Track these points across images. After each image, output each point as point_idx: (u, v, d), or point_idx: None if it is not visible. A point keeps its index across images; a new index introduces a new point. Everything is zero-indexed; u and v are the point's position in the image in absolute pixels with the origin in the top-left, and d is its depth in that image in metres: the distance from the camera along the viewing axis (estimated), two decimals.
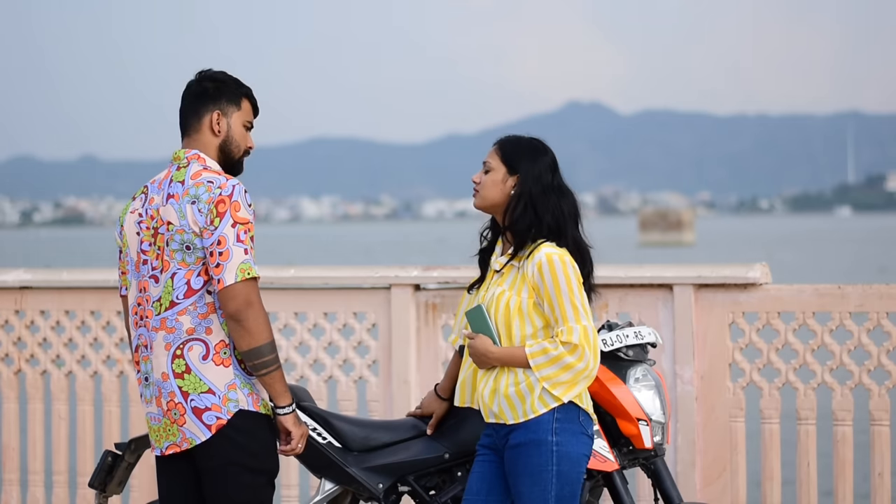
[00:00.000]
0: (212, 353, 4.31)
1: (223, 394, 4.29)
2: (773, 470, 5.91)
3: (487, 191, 4.55)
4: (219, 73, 4.51)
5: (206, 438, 4.28)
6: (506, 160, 4.55)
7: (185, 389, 4.29)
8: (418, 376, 6.41)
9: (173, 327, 4.32)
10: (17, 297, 7.03)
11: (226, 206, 4.27)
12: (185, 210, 4.31)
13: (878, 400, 5.79)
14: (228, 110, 4.46)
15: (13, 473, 7.05)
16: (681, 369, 5.98)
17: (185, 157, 4.42)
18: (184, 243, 4.31)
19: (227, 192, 4.28)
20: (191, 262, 4.31)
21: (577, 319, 4.39)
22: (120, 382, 6.89)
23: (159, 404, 4.34)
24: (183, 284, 4.31)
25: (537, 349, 4.39)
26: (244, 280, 4.24)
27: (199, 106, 4.45)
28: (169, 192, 4.38)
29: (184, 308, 4.31)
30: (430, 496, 4.80)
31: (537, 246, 4.46)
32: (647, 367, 4.80)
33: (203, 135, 4.45)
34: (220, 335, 4.32)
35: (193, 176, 4.35)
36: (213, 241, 4.26)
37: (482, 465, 4.55)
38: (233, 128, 4.47)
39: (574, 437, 4.41)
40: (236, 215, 4.27)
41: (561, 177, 4.58)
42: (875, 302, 5.75)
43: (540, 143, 4.61)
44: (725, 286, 5.95)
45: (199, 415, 4.28)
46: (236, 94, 4.48)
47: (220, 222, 4.26)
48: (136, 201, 4.49)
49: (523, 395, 4.40)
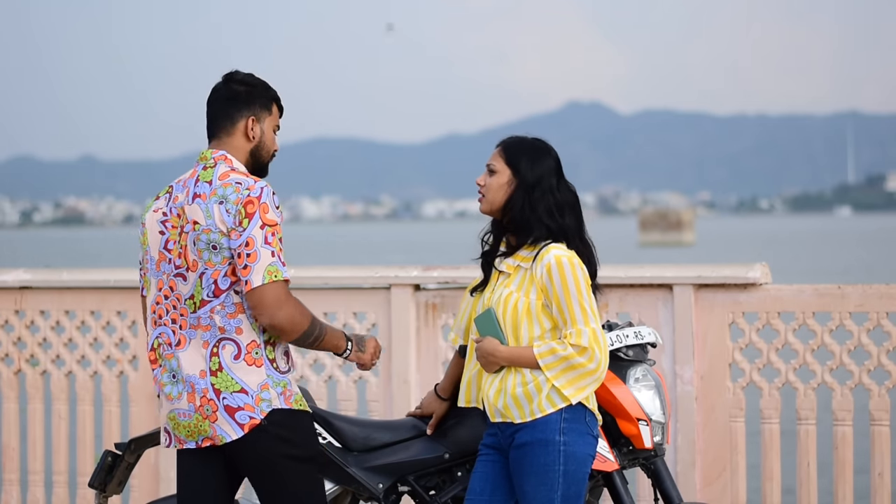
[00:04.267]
0: (243, 353, 4.33)
1: (256, 394, 4.31)
2: (773, 470, 5.91)
3: (493, 194, 4.54)
4: (248, 77, 4.51)
5: (238, 437, 4.31)
6: (510, 162, 4.54)
7: (218, 387, 4.31)
8: (418, 376, 6.42)
9: (208, 325, 4.34)
10: (17, 297, 7.03)
11: (254, 208, 4.27)
12: (212, 210, 4.31)
13: (878, 400, 5.79)
14: (261, 115, 4.48)
15: (13, 473, 7.05)
16: (681, 369, 5.98)
17: (213, 157, 4.42)
18: (210, 243, 4.31)
19: (255, 193, 4.28)
20: (217, 261, 4.31)
21: (586, 322, 4.39)
22: (120, 382, 6.89)
23: (191, 400, 4.35)
24: (210, 284, 4.32)
25: (545, 350, 4.39)
26: (272, 282, 4.25)
27: (231, 110, 4.45)
28: (195, 192, 4.37)
29: (213, 307, 4.33)
30: (430, 496, 4.80)
31: (546, 248, 4.45)
32: (647, 367, 4.80)
33: (235, 139, 4.45)
34: (252, 335, 4.34)
35: (221, 176, 4.35)
36: (241, 243, 4.26)
37: (485, 464, 4.54)
38: (265, 133, 4.49)
39: (581, 438, 4.41)
40: (265, 217, 4.27)
41: (564, 177, 4.58)
42: (875, 302, 5.75)
43: (543, 143, 4.60)
44: (725, 286, 5.95)
45: (232, 413, 4.30)
46: (267, 99, 4.50)
47: (249, 224, 4.26)
48: (159, 200, 4.48)
49: (531, 395, 4.40)
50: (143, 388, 6.78)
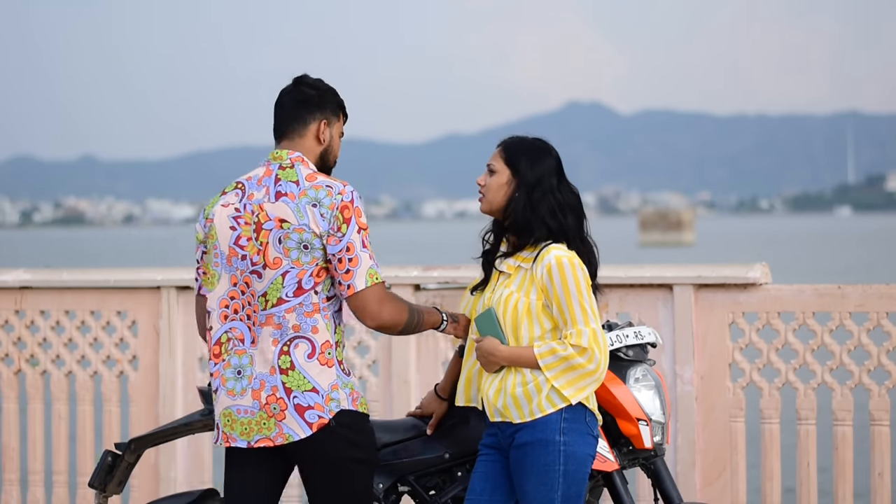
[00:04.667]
0: (317, 353, 4.37)
1: (326, 393, 4.35)
2: (773, 470, 5.91)
3: (493, 194, 4.54)
4: (318, 81, 4.58)
5: (306, 436, 4.34)
6: (509, 162, 4.54)
7: (289, 386, 4.34)
8: (418, 376, 6.42)
9: (280, 323, 4.37)
10: (17, 297, 7.03)
11: (350, 213, 4.35)
12: (304, 210, 4.35)
13: (878, 400, 5.79)
14: (331, 120, 4.55)
15: (13, 473, 7.05)
16: (681, 369, 5.98)
17: (289, 158, 4.46)
18: (302, 242, 4.35)
19: (347, 198, 4.36)
20: (306, 261, 4.36)
21: (586, 322, 4.39)
22: (120, 382, 6.89)
23: (256, 397, 4.37)
24: (294, 283, 4.36)
25: (546, 350, 4.38)
26: (373, 285, 4.35)
27: (304, 112, 4.51)
28: (279, 191, 4.41)
29: (291, 306, 4.36)
30: (430, 496, 4.79)
31: (546, 248, 4.45)
32: (647, 367, 4.80)
33: (307, 140, 4.51)
34: (326, 335, 4.39)
35: (308, 178, 4.41)
36: (341, 248, 4.33)
37: (485, 464, 4.54)
38: (333, 137, 4.56)
39: (581, 438, 4.41)
40: (360, 221, 4.36)
41: (565, 177, 4.58)
42: (875, 302, 5.75)
43: (543, 143, 4.60)
44: (725, 286, 5.95)
45: (301, 412, 4.33)
46: (336, 105, 4.58)
47: (347, 229, 4.34)
48: (228, 195, 4.50)
49: (530, 395, 4.40)
50: (143, 388, 6.78)
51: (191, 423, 4.98)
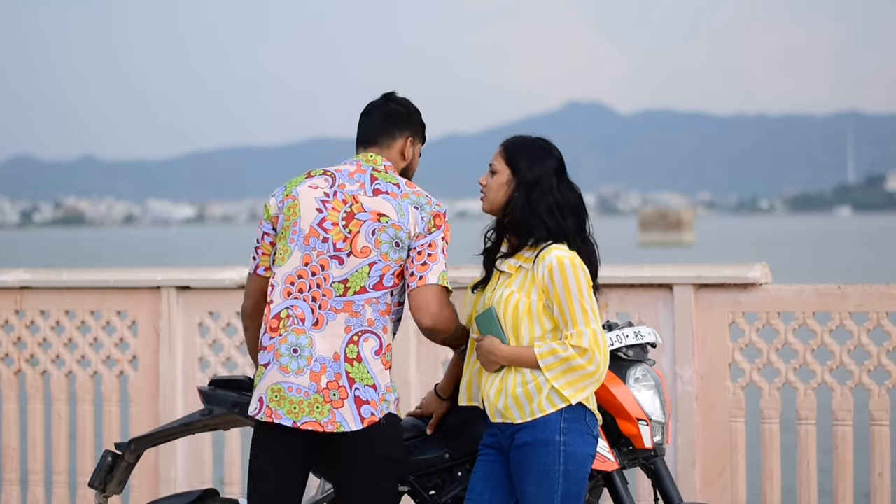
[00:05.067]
0: (382, 352, 4.47)
1: (382, 393, 4.45)
2: (773, 470, 5.91)
3: (493, 194, 4.56)
4: (405, 100, 4.71)
5: (356, 429, 4.39)
6: (510, 162, 4.55)
7: (353, 376, 4.41)
8: (418, 376, 6.42)
9: (358, 312, 4.45)
10: (17, 297, 7.03)
11: (441, 221, 4.54)
12: (406, 210, 4.50)
13: (878, 400, 5.79)
14: (416, 139, 4.68)
15: (13, 473, 7.05)
16: (681, 369, 5.98)
17: (383, 164, 4.59)
18: (395, 239, 4.47)
19: (442, 210, 4.58)
20: (393, 258, 4.47)
21: (586, 323, 4.39)
22: (120, 382, 6.89)
23: (315, 380, 4.40)
24: (377, 276, 4.46)
25: (546, 350, 4.39)
26: (442, 286, 4.47)
27: (392, 126, 4.63)
28: (377, 188, 4.52)
29: (370, 298, 4.45)
30: (430, 496, 4.79)
31: (547, 248, 4.45)
32: (647, 367, 4.80)
33: (392, 154, 4.64)
34: (390, 338, 4.52)
35: (408, 185, 4.56)
36: (424, 244, 4.49)
37: (485, 464, 4.54)
38: (415, 156, 4.69)
39: (581, 438, 4.41)
40: (447, 233, 4.55)
41: (567, 177, 4.58)
42: (875, 302, 5.75)
43: (545, 143, 4.60)
44: (725, 286, 5.95)
45: (359, 405, 4.40)
46: (421, 126, 4.71)
47: (436, 231, 4.52)
48: (315, 178, 4.57)
49: (531, 395, 4.40)
50: (143, 388, 6.78)
51: (191, 423, 4.98)
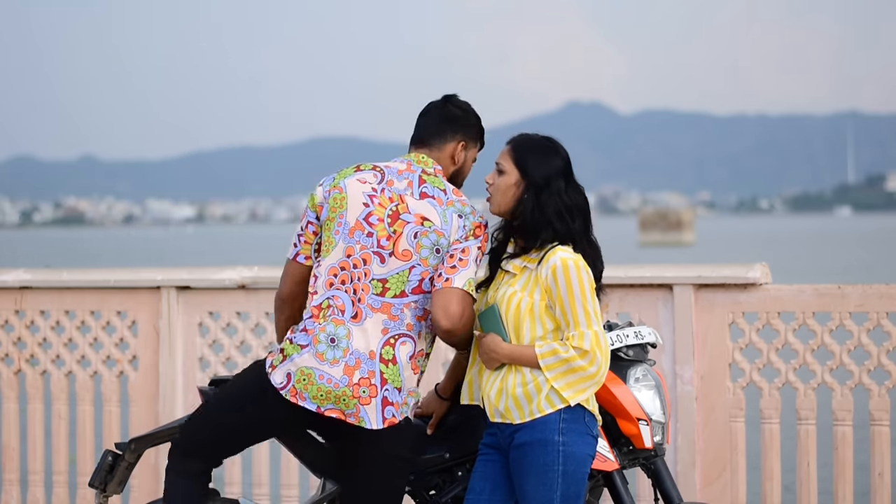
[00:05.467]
0: (415, 356, 4.52)
1: (405, 397, 4.50)
2: (773, 470, 5.91)
3: (501, 195, 4.52)
4: (465, 104, 4.68)
5: (376, 429, 4.43)
6: (518, 163, 4.52)
7: (387, 377, 4.45)
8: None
9: (397, 315, 4.49)
10: (17, 297, 7.03)
11: (482, 232, 4.54)
12: (450, 218, 4.51)
13: (878, 400, 5.78)
14: (469, 144, 4.67)
15: (13, 473, 7.05)
16: (681, 369, 5.98)
17: (433, 167, 4.59)
18: (436, 245, 4.49)
19: (484, 222, 4.57)
20: (432, 263, 4.49)
21: (588, 325, 4.39)
22: (120, 382, 6.89)
23: (348, 373, 4.43)
24: (417, 279, 4.49)
25: (547, 350, 4.39)
26: (467, 292, 4.46)
27: (446, 129, 4.63)
28: (424, 191, 4.54)
29: (409, 302, 4.49)
30: (430, 496, 4.79)
31: (552, 249, 4.45)
32: (647, 367, 4.80)
33: (442, 157, 4.63)
34: (423, 344, 4.54)
35: (455, 192, 4.56)
36: (458, 248, 4.49)
37: (485, 464, 4.54)
38: (467, 161, 4.68)
39: (580, 438, 4.41)
40: (484, 245, 4.54)
41: (573, 177, 4.56)
42: (875, 302, 5.75)
43: (552, 143, 4.57)
44: (725, 286, 5.95)
45: (384, 405, 4.45)
46: (478, 130, 4.69)
47: (473, 240, 4.52)
48: (364, 173, 4.59)
49: (531, 396, 4.40)
50: (143, 388, 6.78)
51: None
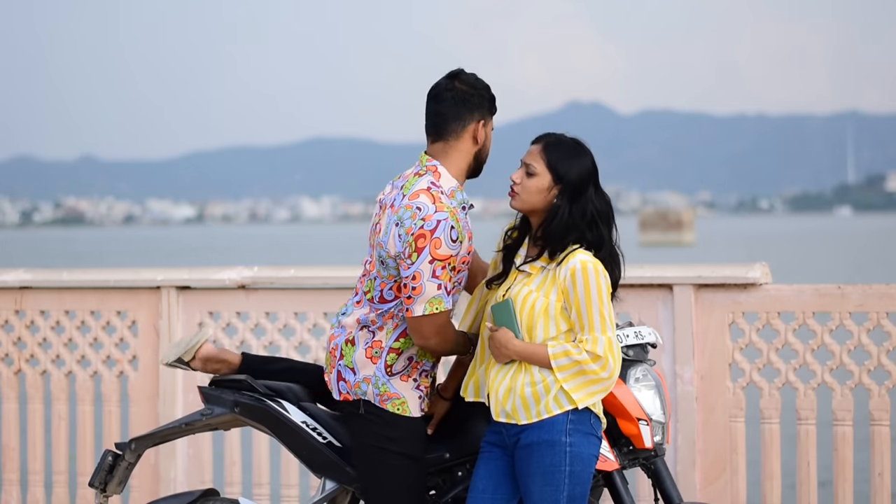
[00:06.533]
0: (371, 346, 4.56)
1: (359, 381, 4.59)
2: (773, 470, 5.91)
3: (530, 196, 4.47)
4: (472, 77, 4.58)
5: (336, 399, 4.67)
6: (552, 167, 4.46)
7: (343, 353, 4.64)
8: None
9: (370, 311, 4.55)
10: (17, 297, 7.03)
11: (425, 242, 4.36)
12: (389, 228, 4.45)
13: (878, 400, 5.78)
14: (487, 118, 4.57)
15: (13, 473, 7.05)
16: (681, 369, 5.98)
17: (426, 165, 4.51)
18: (381, 258, 4.49)
19: (430, 226, 4.36)
20: (385, 276, 4.51)
21: (603, 330, 4.38)
22: (120, 382, 6.89)
23: (331, 340, 4.69)
24: (378, 291, 4.53)
25: (560, 351, 4.38)
26: (431, 314, 4.42)
27: (463, 111, 4.52)
28: (395, 199, 4.51)
29: (377, 307, 4.55)
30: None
31: (573, 252, 4.43)
32: (648, 367, 4.80)
33: (463, 142, 4.53)
34: (383, 337, 4.57)
35: (413, 195, 4.43)
36: (408, 275, 4.40)
37: (488, 462, 4.53)
38: (489, 136, 4.59)
39: (585, 438, 4.41)
40: (435, 252, 4.36)
41: (599, 184, 4.54)
42: (875, 302, 5.75)
43: (582, 146, 4.54)
44: (725, 286, 5.95)
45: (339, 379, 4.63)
46: (491, 102, 4.59)
47: (418, 258, 4.37)
48: (390, 184, 4.64)
49: (539, 396, 4.39)
50: (143, 388, 6.78)
51: (191, 423, 4.98)
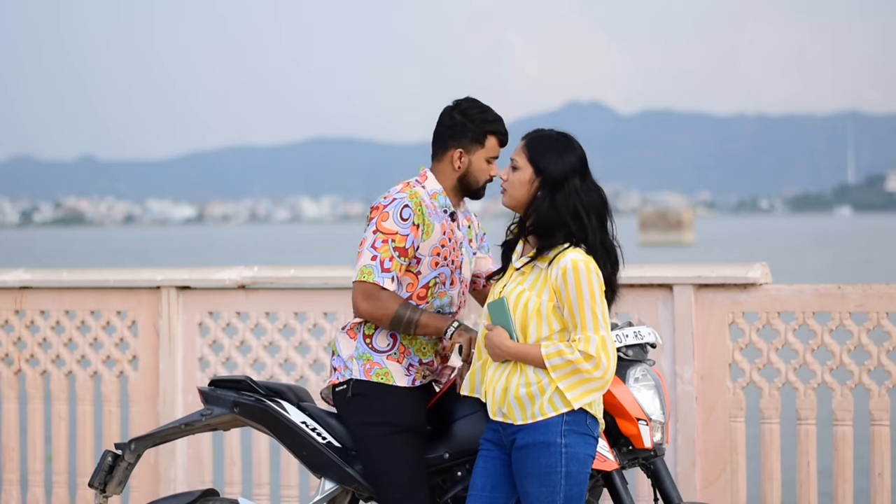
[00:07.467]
0: (347, 327, 4.82)
1: (345, 361, 4.78)
2: (773, 470, 5.91)
3: (515, 190, 4.51)
4: (472, 108, 4.78)
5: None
6: (532, 159, 4.49)
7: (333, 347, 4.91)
8: None
9: None
10: (17, 297, 7.03)
11: (376, 214, 4.70)
12: None
13: (878, 400, 5.78)
14: (472, 148, 4.78)
15: (13, 473, 7.05)
16: (681, 369, 5.97)
17: (415, 178, 4.83)
18: None
19: (384, 203, 4.71)
20: None
21: (595, 329, 4.37)
22: (120, 382, 6.89)
23: None
24: None
25: (553, 351, 4.37)
26: (361, 281, 4.65)
27: (446, 138, 4.79)
28: None
29: None
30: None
31: (564, 251, 4.42)
32: (647, 367, 4.79)
33: (444, 165, 4.80)
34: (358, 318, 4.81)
35: (386, 196, 4.76)
36: (359, 242, 4.74)
37: (486, 460, 4.54)
38: (473, 164, 4.78)
39: (581, 439, 4.41)
40: (381, 224, 4.67)
41: (589, 175, 4.54)
42: (875, 302, 5.74)
43: (568, 139, 4.55)
44: (725, 286, 5.95)
45: (331, 372, 4.85)
46: (482, 133, 4.77)
47: (367, 226, 4.72)
48: None
49: (534, 397, 4.39)
50: (143, 388, 6.78)
51: (191, 423, 4.98)
